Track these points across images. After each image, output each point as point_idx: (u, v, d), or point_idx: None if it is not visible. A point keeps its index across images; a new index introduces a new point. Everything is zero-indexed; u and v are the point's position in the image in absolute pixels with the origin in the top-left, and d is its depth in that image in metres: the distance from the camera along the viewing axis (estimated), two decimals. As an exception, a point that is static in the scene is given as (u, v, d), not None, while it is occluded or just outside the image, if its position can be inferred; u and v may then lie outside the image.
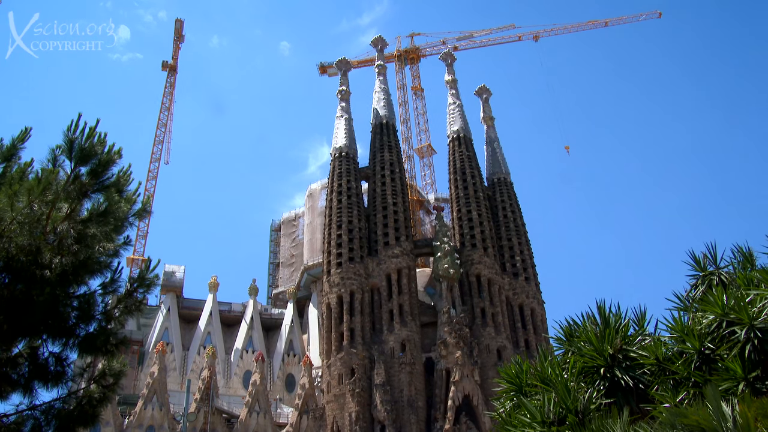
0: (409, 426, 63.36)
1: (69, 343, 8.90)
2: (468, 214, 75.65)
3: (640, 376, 7.94)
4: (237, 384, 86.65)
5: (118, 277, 8.93)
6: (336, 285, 70.10)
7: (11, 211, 7.42)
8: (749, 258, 8.38)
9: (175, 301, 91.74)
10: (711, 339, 7.42)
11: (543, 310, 75.23)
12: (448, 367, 65.52)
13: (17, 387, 9.39)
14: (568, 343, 8.72)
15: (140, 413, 72.96)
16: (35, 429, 9.60)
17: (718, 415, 5.96)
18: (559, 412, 7.72)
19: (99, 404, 9.56)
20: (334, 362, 67.48)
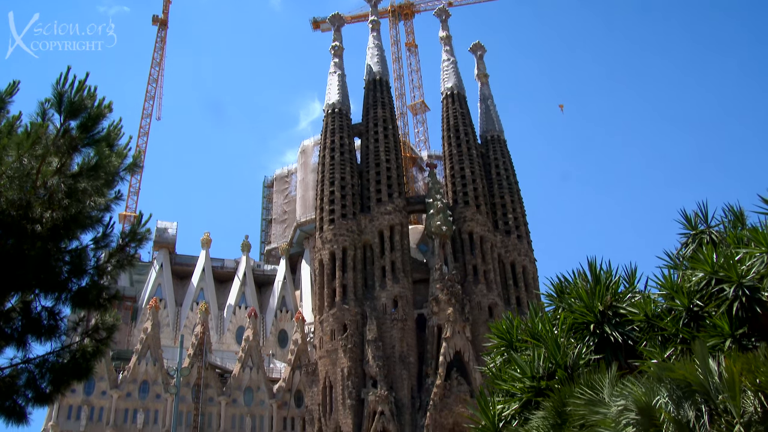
0: (401, 381, 64.10)
1: (61, 297, 8.92)
2: (461, 172, 75.56)
3: (629, 333, 8.02)
4: (230, 340, 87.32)
5: (109, 232, 8.92)
6: (328, 241, 70.24)
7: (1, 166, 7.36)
8: (740, 217, 8.41)
9: (167, 257, 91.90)
10: (700, 296, 7.48)
11: (535, 268, 75.70)
12: (439, 324, 66.06)
13: (11, 341, 9.43)
14: (558, 300, 8.78)
15: (134, 368, 73.59)
16: (30, 382, 9.67)
17: (705, 370, 6.04)
18: (549, 367, 7.81)
19: (92, 357, 9.62)
20: (327, 318, 67.94)
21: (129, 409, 71.90)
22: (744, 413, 5.74)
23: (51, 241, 8.13)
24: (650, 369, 6.39)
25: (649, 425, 5.97)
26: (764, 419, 5.64)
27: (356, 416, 62.63)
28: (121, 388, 72.08)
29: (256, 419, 74.70)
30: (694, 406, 5.95)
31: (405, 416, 62.68)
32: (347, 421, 62.69)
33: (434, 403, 61.77)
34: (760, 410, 5.70)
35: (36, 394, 9.74)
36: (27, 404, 9.74)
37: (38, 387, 9.74)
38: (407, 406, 63.18)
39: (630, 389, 6.25)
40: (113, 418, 70.67)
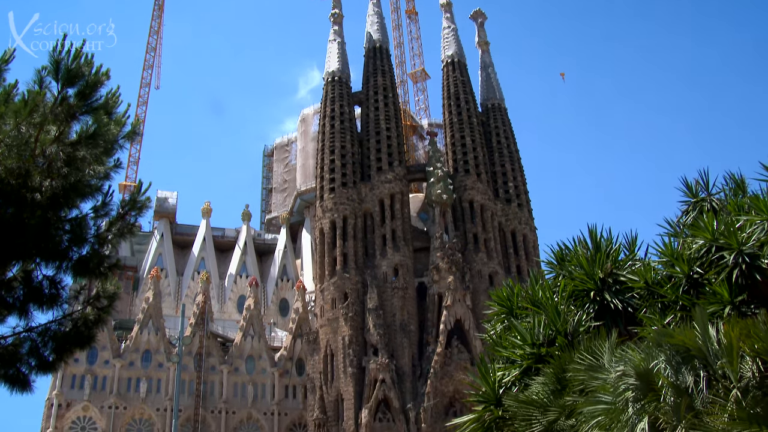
0: (402, 349, 64.53)
1: (62, 266, 8.93)
2: (462, 140, 75.34)
3: (629, 300, 8.04)
4: (231, 308, 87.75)
5: (109, 201, 8.90)
6: (329, 210, 70.28)
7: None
8: (741, 185, 8.38)
9: (168, 227, 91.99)
10: (700, 264, 7.49)
11: (535, 236, 75.82)
12: (440, 292, 66.34)
13: (13, 310, 9.47)
14: (559, 267, 8.79)
15: (136, 338, 74.08)
16: (33, 350, 9.73)
17: (704, 336, 6.06)
18: (549, 334, 7.85)
19: (94, 325, 9.67)
20: (328, 287, 68.21)
21: (132, 378, 72.50)
22: (742, 378, 5.78)
23: (51, 210, 8.12)
24: (649, 335, 6.42)
25: (647, 390, 6.02)
26: (761, 384, 5.68)
27: (357, 384, 63.17)
28: (124, 358, 72.61)
29: (257, 387, 75.35)
30: (693, 371, 5.99)
31: (406, 384, 63.23)
32: (348, 389, 63.24)
33: (435, 371, 62.27)
34: (758, 375, 5.74)
35: (39, 362, 9.81)
36: (30, 372, 9.82)
37: (41, 355, 9.81)
38: (408, 374, 63.69)
39: (629, 355, 6.29)
40: (116, 386, 71.29)
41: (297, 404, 74.81)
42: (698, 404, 5.81)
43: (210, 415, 73.00)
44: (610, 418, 6.02)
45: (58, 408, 69.28)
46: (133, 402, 71.63)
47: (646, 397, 6.02)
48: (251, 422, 74.32)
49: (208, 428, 72.32)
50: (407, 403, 61.83)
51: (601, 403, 6.18)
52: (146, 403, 71.75)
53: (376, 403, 61.66)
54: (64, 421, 69.51)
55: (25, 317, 9.51)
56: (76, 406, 70.15)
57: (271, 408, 74.59)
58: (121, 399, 71.13)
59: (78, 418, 70.16)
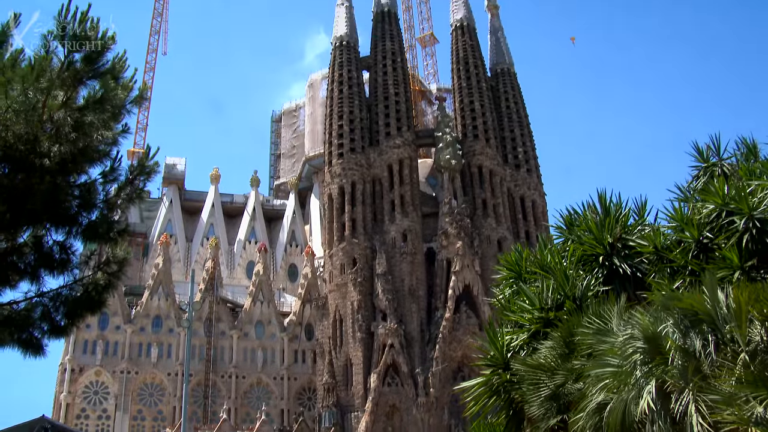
0: (410, 315, 64.85)
1: (72, 231, 8.96)
2: (470, 105, 74.86)
3: (637, 265, 8.02)
4: (240, 274, 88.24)
5: (118, 166, 8.90)
6: (337, 175, 70.21)
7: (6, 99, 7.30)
8: (753, 149, 8.29)
9: (177, 193, 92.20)
10: (710, 228, 7.44)
11: (544, 202, 75.63)
12: (448, 257, 66.45)
13: (24, 275, 9.54)
14: (568, 232, 8.76)
15: (147, 303, 74.73)
16: (45, 315, 9.83)
17: (713, 300, 6.05)
18: (557, 298, 7.84)
19: (105, 290, 9.74)
20: (336, 252, 68.39)
21: (143, 343, 73.31)
22: (750, 342, 5.78)
23: (60, 176, 8.13)
24: (658, 299, 6.41)
25: (655, 353, 6.03)
26: (770, 348, 5.68)
27: (366, 349, 63.64)
28: (135, 323, 73.33)
29: (267, 352, 76.08)
30: (701, 335, 5.99)
31: (414, 349, 63.65)
32: (357, 353, 63.72)
33: (443, 336, 62.61)
34: (766, 339, 5.73)
35: (51, 326, 9.90)
36: (43, 336, 9.92)
37: (53, 319, 9.90)
38: (416, 339, 64.08)
39: (637, 319, 6.29)
40: (128, 352, 72.11)
41: (306, 369, 75.56)
42: (706, 368, 5.82)
43: (220, 380, 73.86)
44: (617, 381, 6.04)
45: (71, 373, 70.21)
46: (145, 367, 72.50)
47: (654, 361, 6.03)
48: (261, 386, 75.17)
49: (218, 392, 73.21)
50: (416, 368, 62.29)
51: (608, 366, 6.20)
52: (157, 368, 72.61)
53: (385, 368, 62.15)
54: (77, 385, 70.48)
55: (36, 282, 9.58)
56: (88, 371, 71.07)
57: (280, 372, 75.37)
58: (132, 364, 71.98)
59: (90, 382, 71.12)
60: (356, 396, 62.74)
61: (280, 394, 74.70)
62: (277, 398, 74.43)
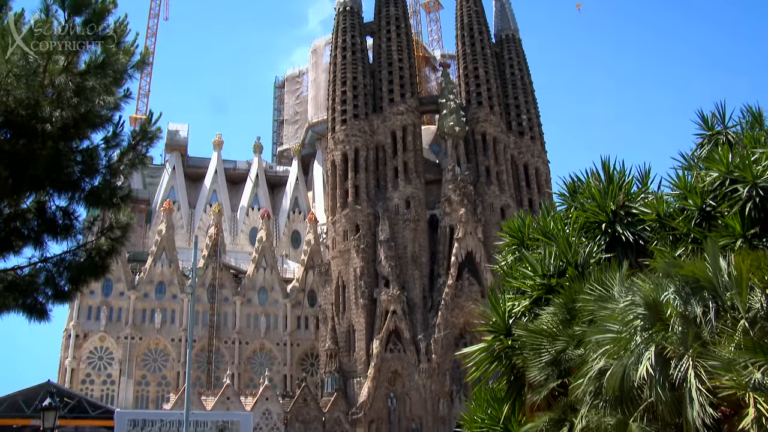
0: (413, 281, 65.11)
1: (75, 197, 8.95)
2: (474, 71, 74.36)
3: (640, 232, 8.01)
4: (243, 241, 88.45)
5: (120, 131, 8.87)
6: (341, 142, 70.04)
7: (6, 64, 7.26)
8: (758, 118, 8.23)
9: (180, 159, 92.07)
10: (713, 196, 7.42)
11: (548, 170, 75.46)
12: (451, 224, 66.52)
13: (28, 240, 9.56)
14: (571, 199, 8.74)
15: (150, 270, 75.03)
16: (49, 280, 9.87)
17: (715, 268, 6.06)
18: (560, 265, 7.86)
19: (108, 256, 9.77)
20: (339, 219, 68.49)
21: (146, 309, 73.76)
22: (750, 309, 5.80)
23: (62, 141, 8.10)
24: (660, 265, 6.42)
25: (656, 319, 6.06)
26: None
27: (369, 315, 64.03)
28: (138, 289, 73.71)
29: (270, 318, 76.57)
30: (702, 302, 6.01)
31: (417, 315, 64.03)
32: (360, 320, 64.13)
33: (445, 303, 62.94)
34: (766, 306, 5.75)
35: (55, 291, 9.96)
36: (47, 302, 9.98)
37: (57, 285, 9.94)
38: (419, 306, 64.44)
39: (639, 285, 6.30)
40: (131, 318, 72.60)
41: (309, 335, 76.08)
42: (706, 334, 5.84)
43: (223, 346, 74.44)
44: (617, 347, 6.07)
45: (76, 339, 70.79)
46: (148, 332, 73.05)
47: (654, 327, 6.05)
48: (264, 352, 75.80)
49: (221, 358, 73.84)
50: (418, 334, 62.71)
51: (609, 332, 6.22)
52: (161, 334, 73.17)
53: (387, 334, 62.57)
54: (82, 351, 71.11)
55: (39, 248, 9.61)
56: (92, 337, 71.65)
57: (283, 338, 75.93)
58: (136, 330, 72.52)
59: (95, 348, 71.73)
60: (359, 362, 63.27)
61: (283, 359, 75.33)
62: (280, 364, 75.08)
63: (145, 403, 71.04)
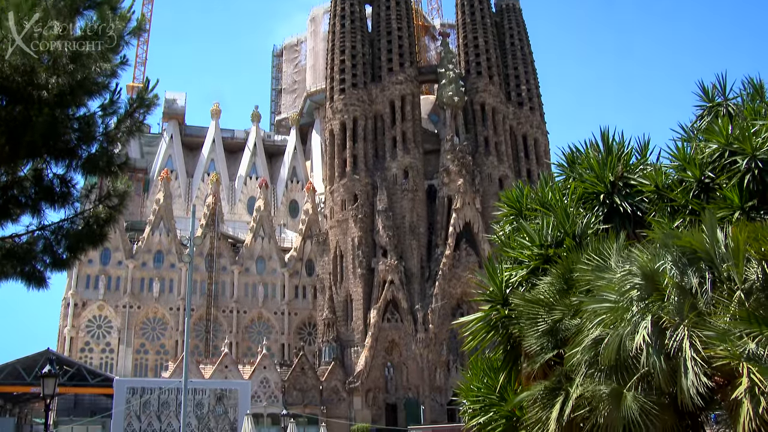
0: (410, 251, 65.31)
1: (72, 164, 8.92)
2: (474, 41, 73.89)
3: (638, 203, 8.01)
4: (241, 210, 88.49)
5: (117, 99, 8.80)
6: (339, 111, 69.80)
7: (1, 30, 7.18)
8: (759, 90, 8.18)
9: (177, 128, 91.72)
10: (712, 168, 7.41)
11: (546, 141, 75.36)
12: (450, 195, 66.58)
13: (25, 208, 9.54)
14: (569, 170, 8.72)
15: (148, 239, 75.12)
16: (47, 248, 9.87)
17: (712, 239, 6.07)
18: (557, 236, 7.85)
19: (106, 224, 9.75)
20: (337, 188, 68.49)
21: (145, 278, 73.98)
22: (746, 281, 5.81)
23: (58, 108, 8.04)
24: (657, 236, 6.43)
25: (652, 289, 6.07)
26: (765, 287, 5.72)
27: (366, 285, 64.32)
28: (136, 258, 73.87)
29: (268, 287, 76.87)
30: (698, 273, 6.02)
31: (414, 285, 64.34)
32: (357, 289, 64.43)
33: (443, 273, 63.22)
34: (762, 278, 5.77)
35: (53, 259, 9.96)
36: (45, 269, 9.99)
37: (55, 252, 9.95)
38: (416, 276, 64.73)
39: (636, 255, 6.32)
40: (130, 286, 72.84)
41: (307, 304, 76.45)
42: (701, 305, 5.86)
43: (221, 314, 74.82)
44: (614, 317, 6.09)
45: (74, 307, 71.08)
46: (147, 301, 73.36)
47: (651, 297, 6.07)
48: (262, 321, 76.21)
49: (219, 327, 74.26)
50: (415, 304, 63.07)
51: (605, 301, 6.24)
52: (159, 303, 73.49)
53: (385, 304, 62.92)
54: (81, 319, 71.44)
55: (37, 216, 9.59)
56: (91, 306, 71.94)
57: (281, 307, 76.30)
58: (134, 298, 72.81)
59: (94, 316, 72.06)
60: (356, 331, 63.68)
61: (281, 328, 75.76)
62: (278, 333, 75.53)
63: (144, 371, 71.56)
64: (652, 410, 5.85)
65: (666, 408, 5.95)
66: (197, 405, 40.17)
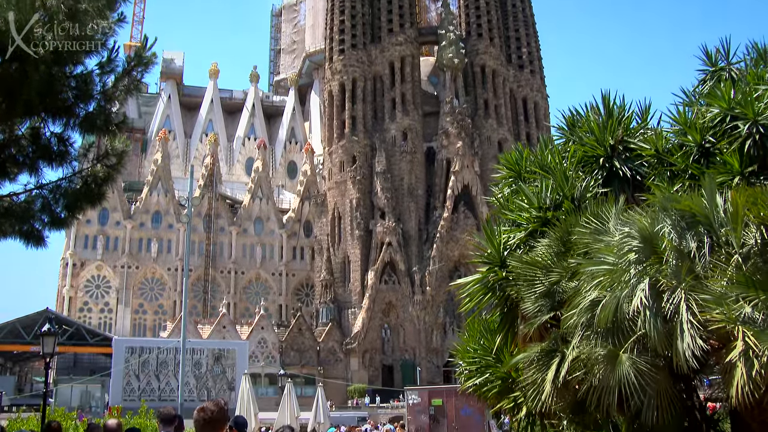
0: (408, 213, 65.38)
1: (69, 123, 8.87)
2: (475, 2, 73.09)
3: (638, 167, 7.98)
4: (239, 171, 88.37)
5: (114, 57, 8.71)
6: (338, 72, 69.32)
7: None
8: (763, 54, 8.09)
9: (175, 88, 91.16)
10: (713, 133, 7.36)
11: (546, 104, 75.02)
12: (448, 157, 66.45)
13: (23, 167, 9.52)
14: (569, 133, 8.67)
15: (146, 199, 75.14)
16: (45, 207, 9.87)
17: (711, 203, 6.06)
18: (556, 198, 7.84)
19: (104, 183, 9.73)
20: (336, 150, 68.31)
21: (143, 238, 74.16)
22: (744, 245, 5.81)
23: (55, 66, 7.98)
24: (656, 200, 6.42)
25: (650, 252, 6.08)
26: (763, 251, 5.72)
27: (364, 247, 64.51)
28: (135, 219, 73.96)
29: (266, 248, 77.11)
30: (697, 237, 6.02)
31: (412, 247, 64.53)
32: (355, 251, 64.63)
33: (441, 236, 63.37)
34: (760, 242, 5.77)
35: (51, 218, 9.96)
36: (44, 228, 10.00)
37: (53, 211, 9.95)
38: (414, 238, 64.89)
39: (635, 219, 6.32)
40: (128, 247, 73.04)
41: (304, 265, 76.77)
42: (699, 269, 5.87)
43: (219, 275, 75.15)
44: (611, 279, 6.10)
45: (73, 267, 71.35)
46: (145, 262, 73.63)
47: (649, 260, 6.08)
48: (260, 282, 76.61)
49: (217, 287, 74.65)
50: (413, 267, 63.34)
51: (603, 264, 6.25)
52: (157, 263, 73.77)
53: (382, 266, 63.18)
54: (79, 279, 71.76)
55: (35, 174, 9.57)
56: (89, 266, 72.20)
57: (279, 269, 76.62)
58: (133, 259, 73.05)
59: (92, 276, 72.38)
60: (353, 293, 64.03)
61: (279, 289, 76.17)
62: (276, 294, 75.97)
63: (143, 331, 72.13)
64: (648, 372, 5.90)
65: (661, 370, 6.00)
66: (195, 365, 40.50)
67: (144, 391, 38.91)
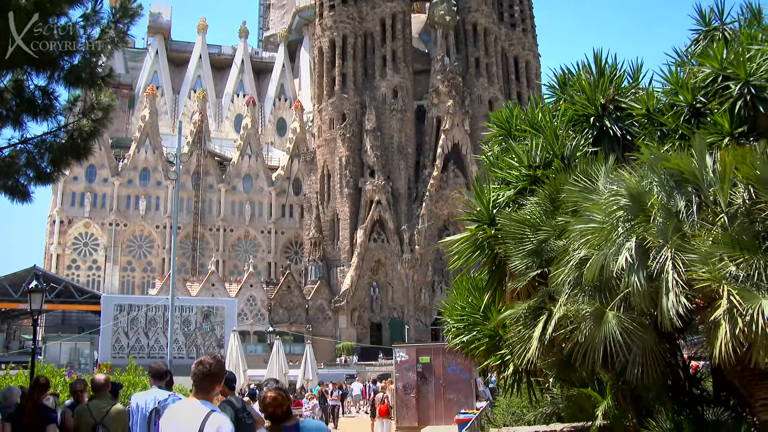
0: (398, 171, 65.30)
1: (54, 76, 8.71)
2: (467, -42, 72.14)
3: (628, 127, 7.96)
4: (228, 128, 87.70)
5: (99, 8, 8.53)
6: (328, 28, 68.51)
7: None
8: (757, 15, 8.01)
9: (163, 43, 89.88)
10: (704, 93, 7.32)
11: (538, 64, 74.57)
12: (439, 116, 66.18)
13: (7, 121, 9.36)
14: (560, 91, 8.63)
15: (134, 156, 74.55)
16: (30, 161, 9.75)
17: (701, 163, 6.06)
18: (546, 157, 7.83)
19: (90, 137, 9.61)
20: (326, 107, 67.86)
21: (131, 195, 73.75)
22: (731, 205, 5.83)
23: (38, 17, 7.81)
24: (646, 158, 6.41)
25: (638, 210, 6.09)
26: (750, 211, 5.74)
27: (353, 205, 64.50)
28: (122, 176, 73.46)
29: (255, 206, 76.91)
30: (685, 196, 6.03)
31: (401, 206, 64.59)
32: (344, 209, 64.63)
33: (430, 194, 63.43)
34: (748, 202, 5.78)
35: (37, 173, 9.86)
36: (29, 183, 9.89)
37: (38, 166, 9.84)
38: (404, 196, 64.92)
39: (623, 177, 6.31)
40: (116, 204, 72.66)
41: (293, 223, 76.73)
42: (686, 228, 5.89)
43: (208, 233, 75.05)
44: (599, 237, 6.12)
45: (60, 225, 71.00)
46: (133, 219, 73.34)
47: (637, 218, 6.10)
48: (248, 240, 76.56)
49: (206, 245, 74.58)
50: (402, 225, 63.46)
51: (592, 222, 6.26)
52: (146, 221, 73.51)
53: (372, 224, 63.27)
54: (67, 237, 71.46)
55: (19, 128, 9.43)
56: (77, 223, 71.86)
57: (268, 226, 76.55)
58: (121, 216, 72.75)
59: (80, 234, 72.08)
60: (342, 251, 64.18)
61: (268, 247, 76.21)
62: (265, 251, 76.00)
63: (131, 288, 72.19)
64: (633, 330, 5.95)
65: (646, 328, 6.06)
66: (184, 322, 40.64)
67: (133, 348, 39.09)
